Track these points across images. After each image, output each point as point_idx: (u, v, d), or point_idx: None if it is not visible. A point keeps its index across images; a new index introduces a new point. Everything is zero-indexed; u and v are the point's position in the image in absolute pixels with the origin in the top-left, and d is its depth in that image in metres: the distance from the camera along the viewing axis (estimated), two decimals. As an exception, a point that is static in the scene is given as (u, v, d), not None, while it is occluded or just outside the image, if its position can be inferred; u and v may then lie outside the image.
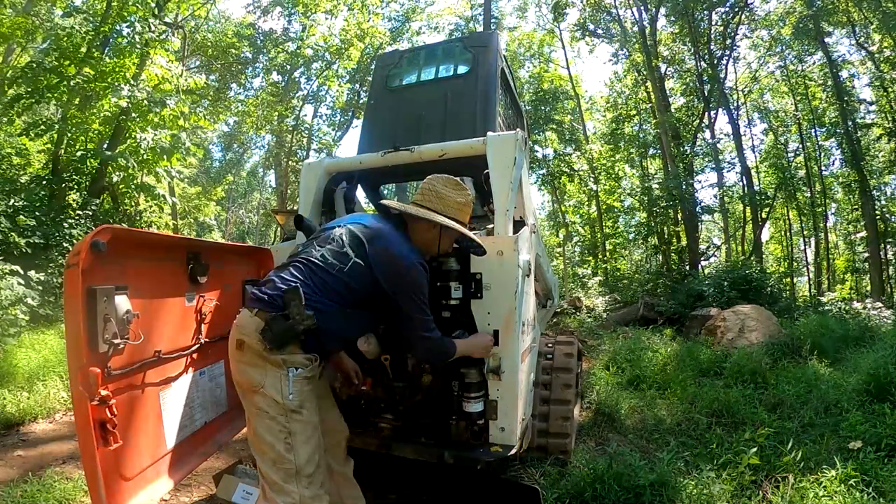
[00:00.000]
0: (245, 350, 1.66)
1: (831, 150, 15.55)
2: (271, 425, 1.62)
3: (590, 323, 9.03)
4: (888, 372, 3.78)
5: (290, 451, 1.62)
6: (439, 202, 1.91)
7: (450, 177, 1.99)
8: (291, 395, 1.61)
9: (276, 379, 1.62)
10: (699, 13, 13.45)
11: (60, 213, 7.85)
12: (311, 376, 1.68)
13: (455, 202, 1.93)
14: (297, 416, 1.64)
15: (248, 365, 1.66)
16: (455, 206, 1.93)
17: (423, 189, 1.95)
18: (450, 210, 1.91)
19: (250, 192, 29.55)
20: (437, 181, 1.96)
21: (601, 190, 17.29)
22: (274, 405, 1.62)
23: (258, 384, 1.63)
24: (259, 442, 1.66)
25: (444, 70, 3.63)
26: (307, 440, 1.66)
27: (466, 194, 1.98)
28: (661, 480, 2.65)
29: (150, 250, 1.90)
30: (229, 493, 2.40)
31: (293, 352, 1.64)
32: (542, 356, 3.21)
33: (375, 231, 1.83)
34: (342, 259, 1.74)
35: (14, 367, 4.53)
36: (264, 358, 1.63)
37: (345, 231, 1.82)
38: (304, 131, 19.86)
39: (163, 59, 9.19)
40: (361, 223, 1.87)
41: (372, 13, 17.95)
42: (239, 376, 1.70)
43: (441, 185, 1.94)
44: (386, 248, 1.77)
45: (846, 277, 17.53)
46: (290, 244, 2.65)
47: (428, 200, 1.91)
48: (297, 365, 1.64)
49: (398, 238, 1.83)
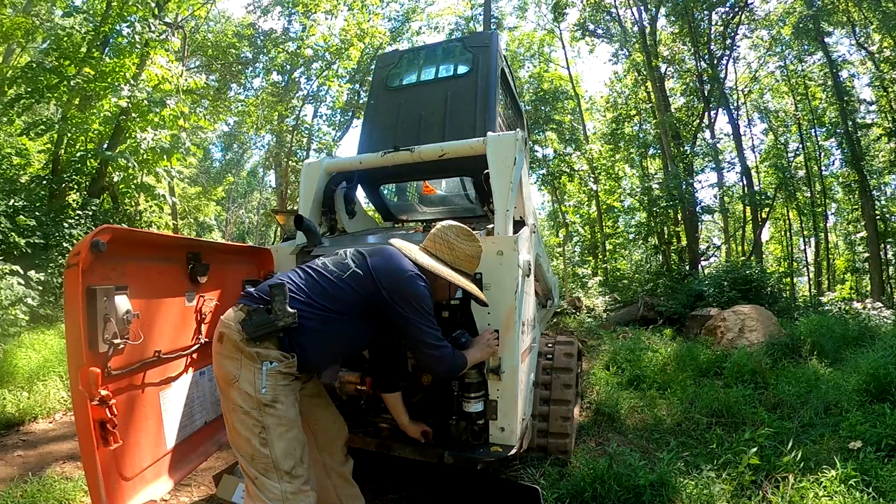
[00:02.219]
0: (224, 342, 1.66)
1: (831, 150, 15.57)
2: (245, 420, 1.62)
3: (590, 323, 9.03)
4: (888, 372, 3.78)
5: (265, 446, 1.61)
6: (450, 253, 1.89)
7: (462, 227, 1.96)
8: (264, 388, 1.60)
9: (250, 372, 1.62)
10: (699, 13, 13.45)
11: (60, 213, 7.85)
12: (287, 372, 1.66)
13: (465, 254, 1.91)
14: (271, 411, 1.62)
15: (225, 357, 1.66)
16: (465, 259, 1.91)
17: (434, 236, 1.94)
18: (458, 262, 1.90)
19: (250, 192, 29.56)
20: (451, 231, 1.93)
21: (601, 190, 17.29)
22: (248, 399, 1.61)
23: (234, 377, 1.63)
24: (236, 436, 1.66)
25: (444, 70, 3.63)
26: (282, 435, 1.64)
27: (477, 246, 1.95)
28: (661, 480, 2.66)
29: (150, 250, 1.89)
30: (229, 493, 2.40)
31: (269, 347, 1.64)
32: (542, 356, 3.21)
33: (380, 248, 1.86)
34: (342, 267, 1.78)
35: (14, 367, 4.53)
36: (240, 350, 1.63)
37: (351, 250, 1.87)
38: (304, 131, 19.85)
39: (163, 59, 9.20)
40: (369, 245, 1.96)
41: (372, 13, 17.95)
42: (217, 370, 1.70)
43: (454, 235, 1.92)
44: (387, 261, 1.79)
45: (846, 277, 17.54)
46: (290, 244, 2.65)
47: (438, 250, 1.90)
48: (271, 359, 1.63)
49: (402, 258, 1.83)
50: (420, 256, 1.86)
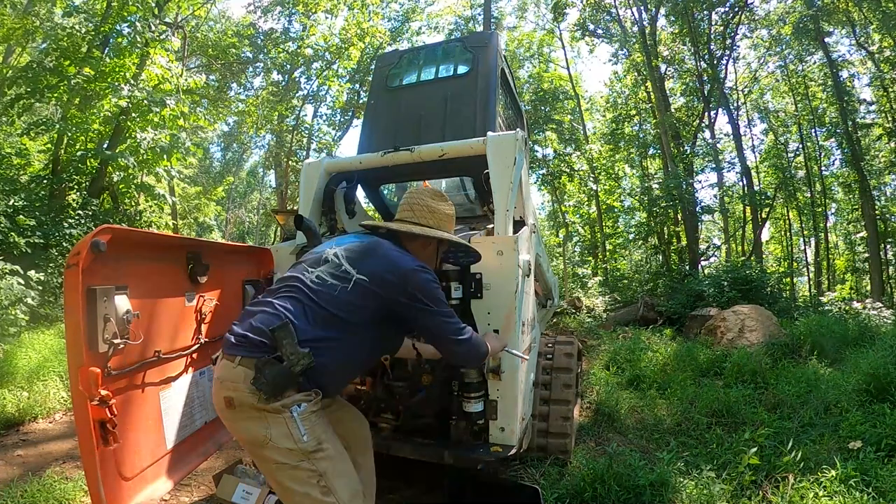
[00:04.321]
0: (238, 407, 1.46)
1: (831, 150, 15.58)
2: (297, 474, 1.45)
3: (590, 323, 9.03)
4: (888, 372, 3.78)
5: (328, 494, 1.46)
6: (431, 216, 1.82)
7: (433, 189, 1.93)
8: (305, 435, 1.44)
9: (281, 426, 1.43)
10: (699, 13, 13.45)
11: (60, 213, 7.86)
12: (317, 409, 1.51)
13: (445, 214, 1.86)
14: (321, 454, 1.47)
15: (244, 420, 1.47)
16: (445, 219, 1.85)
17: (411, 205, 1.84)
18: (442, 223, 1.83)
19: (250, 192, 29.56)
20: (425, 194, 1.86)
21: (601, 190, 17.29)
22: (291, 454, 1.44)
23: (264, 438, 1.44)
24: (290, 495, 1.47)
25: (444, 70, 3.63)
26: (340, 474, 1.50)
27: (451, 205, 1.91)
28: (661, 480, 2.65)
29: (150, 250, 1.89)
30: (229, 493, 2.40)
31: (290, 394, 1.45)
32: (542, 356, 3.21)
33: (374, 246, 1.68)
34: (343, 279, 1.56)
35: (14, 367, 4.53)
36: (261, 409, 1.44)
37: (339, 251, 1.65)
38: (304, 131, 19.85)
39: (163, 59, 9.20)
40: (354, 241, 1.71)
41: (372, 13, 17.95)
42: (239, 434, 1.52)
43: (430, 198, 1.85)
44: (390, 260, 1.62)
45: (846, 277, 17.55)
46: (290, 244, 2.65)
47: (421, 216, 1.81)
48: (298, 402, 1.45)
49: (399, 251, 1.70)
50: (413, 229, 1.77)
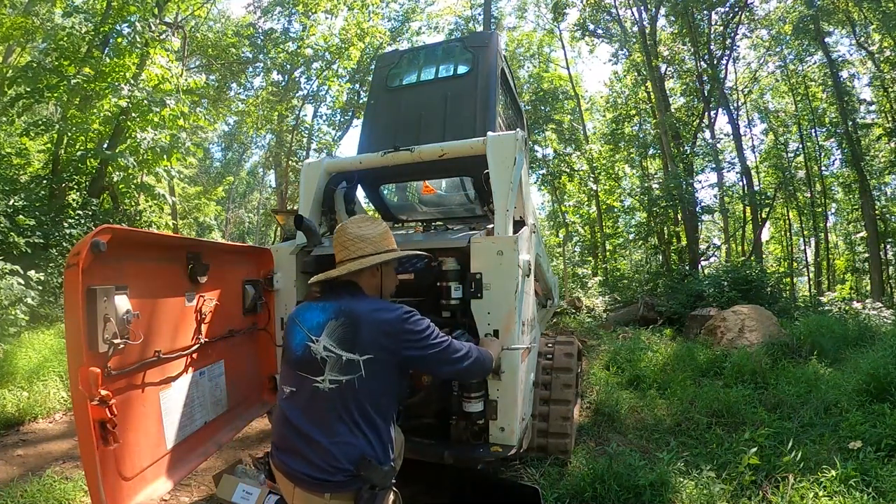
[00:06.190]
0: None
1: (831, 150, 15.58)
2: None
3: (590, 323, 9.04)
4: (888, 372, 3.78)
5: None
6: (366, 244, 1.75)
7: (355, 218, 1.86)
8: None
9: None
10: (699, 13, 13.46)
11: (60, 213, 7.86)
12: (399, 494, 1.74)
13: (377, 234, 1.78)
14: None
15: None
16: (380, 238, 1.78)
17: (342, 244, 1.77)
18: (379, 244, 1.77)
19: (250, 192, 29.57)
20: (350, 225, 1.79)
21: (601, 190, 17.30)
22: None
23: None
24: None
25: (444, 70, 3.63)
26: None
27: (378, 222, 1.84)
28: (661, 480, 2.66)
29: (150, 250, 1.89)
30: (229, 493, 2.40)
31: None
32: (542, 356, 3.21)
33: (350, 316, 1.60)
34: (351, 369, 1.55)
35: (14, 367, 4.53)
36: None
37: (324, 342, 1.59)
38: (304, 131, 19.88)
39: (163, 59, 9.20)
40: (323, 318, 1.64)
41: (372, 13, 17.96)
42: None
43: (355, 227, 1.78)
44: (374, 321, 1.59)
45: (846, 277, 17.55)
46: (290, 244, 2.65)
47: (356, 249, 1.74)
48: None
49: (368, 301, 1.68)
50: (351, 267, 1.71)
